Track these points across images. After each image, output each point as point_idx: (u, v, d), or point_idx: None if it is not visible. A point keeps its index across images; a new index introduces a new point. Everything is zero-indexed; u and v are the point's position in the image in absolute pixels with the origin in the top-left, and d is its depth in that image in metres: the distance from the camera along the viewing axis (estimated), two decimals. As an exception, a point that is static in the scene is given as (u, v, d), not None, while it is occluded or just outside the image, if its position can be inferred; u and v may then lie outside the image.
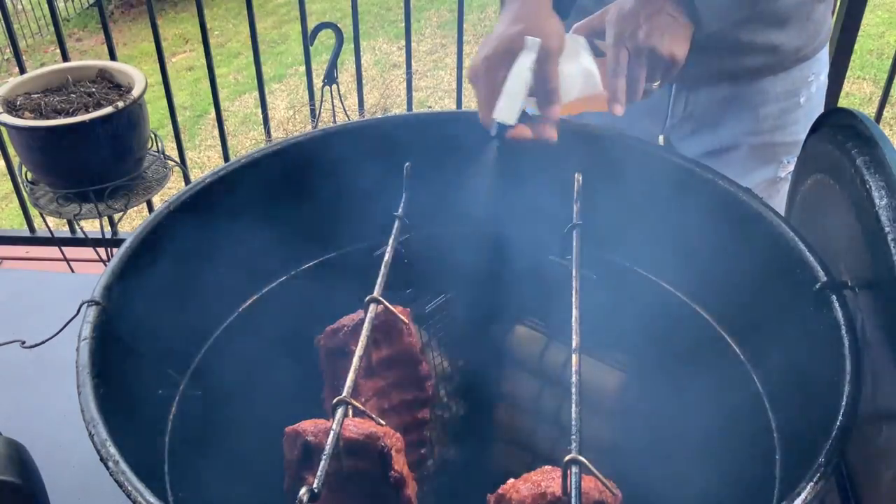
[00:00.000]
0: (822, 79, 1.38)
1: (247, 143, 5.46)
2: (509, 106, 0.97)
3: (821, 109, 1.41)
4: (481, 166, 1.00)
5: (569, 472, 0.67)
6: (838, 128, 0.94)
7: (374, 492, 0.80)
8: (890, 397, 0.81)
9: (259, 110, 4.22)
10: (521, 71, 0.96)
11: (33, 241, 2.61)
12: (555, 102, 0.98)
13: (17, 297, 1.50)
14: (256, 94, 3.63)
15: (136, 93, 1.98)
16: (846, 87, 3.18)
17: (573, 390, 0.74)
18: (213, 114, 3.61)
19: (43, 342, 0.89)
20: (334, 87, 2.51)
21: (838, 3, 2.00)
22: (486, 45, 1.00)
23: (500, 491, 0.76)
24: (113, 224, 2.43)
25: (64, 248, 2.36)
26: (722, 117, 1.32)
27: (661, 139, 1.39)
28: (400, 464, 0.80)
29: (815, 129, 1.02)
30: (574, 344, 0.79)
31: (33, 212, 2.51)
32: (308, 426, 0.80)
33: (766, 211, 0.93)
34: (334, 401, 0.74)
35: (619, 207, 1.00)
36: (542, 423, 1.12)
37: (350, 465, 0.78)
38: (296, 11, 2.43)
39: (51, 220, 2.65)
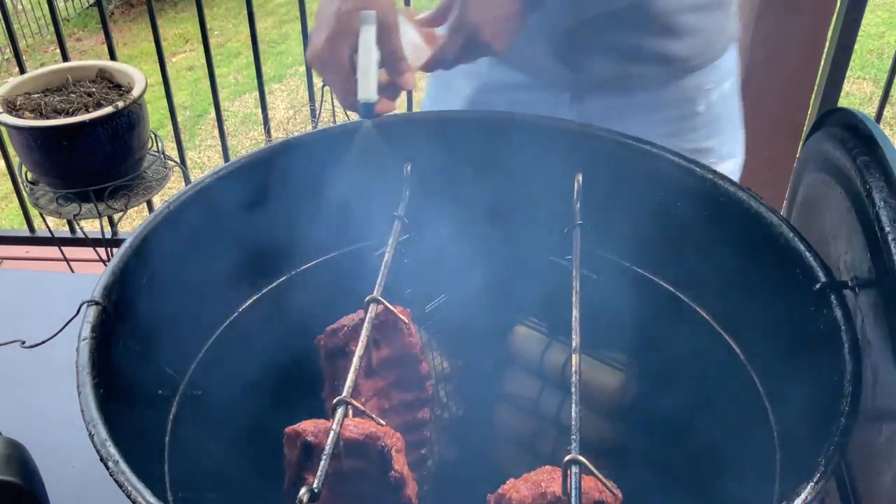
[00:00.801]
0: (727, 86, 1.35)
1: (247, 143, 5.46)
2: (369, 83, 0.97)
3: (733, 116, 1.40)
4: (356, 150, 1.02)
5: (569, 472, 0.67)
6: (838, 128, 0.94)
7: (374, 492, 0.80)
8: (890, 397, 0.81)
9: (259, 110, 4.22)
10: (369, 46, 0.96)
11: (33, 241, 2.62)
12: (405, 70, 1.00)
13: (17, 297, 1.50)
14: (256, 94, 3.63)
15: (136, 93, 1.98)
16: (846, 87, 3.18)
17: (573, 390, 0.74)
18: (213, 114, 3.61)
19: (43, 342, 0.89)
20: (334, 87, 2.50)
21: (838, 3, 2.00)
22: (322, 27, 0.98)
23: (500, 491, 0.76)
24: (113, 224, 2.43)
25: (64, 248, 2.36)
26: (616, 125, 1.29)
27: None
28: (400, 464, 0.80)
29: (815, 129, 1.02)
30: (574, 344, 0.79)
31: (33, 212, 2.51)
32: (308, 426, 0.80)
33: (767, 211, 0.93)
34: (334, 401, 0.74)
35: (619, 207, 1.00)
36: (542, 423, 1.12)
37: (350, 465, 0.78)
38: (296, 11, 2.43)
39: (51, 220, 2.66)
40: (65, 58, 2.35)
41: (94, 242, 2.32)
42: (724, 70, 1.33)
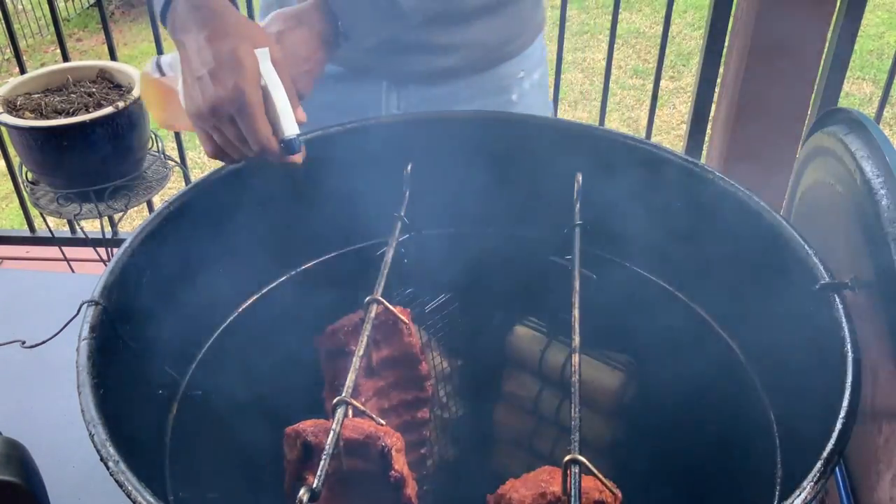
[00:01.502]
0: (536, 77, 1.38)
1: (247, 143, 5.45)
2: (292, 117, 0.94)
3: (543, 107, 1.43)
4: (296, 187, 0.99)
5: (569, 472, 0.67)
6: (838, 128, 0.94)
7: (374, 492, 0.80)
8: (890, 397, 0.81)
9: (259, 110, 4.21)
10: (277, 81, 0.93)
11: (33, 241, 2.61)
12: (298, 104, 0.98)
13: (17, 297, 1.50)
14: (256, 94, 3.62)
15: (136, 93, 1.98)
16: (846, 87, 3.18)
17: (573, 390, 0.74)
18: (214, 114, 3.60)
19: (43, 342, 0.89)
20: (334, 87, 2.50)
21: (838, 3, 2.00)
22: (223, 72, 0.90)
23: (500, 491, 0.76)
24: (113, 224, 2.43)
25: (64, 248, 2.36)
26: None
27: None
28: (400, 463, 0.80)
29: (815, 129, 1.02)
30: (574, 344, 0.79)
31: (33, 212, 2.51)
32: (308, 426, 0.80)
33: (767, 210, 0.93)
34: (334, 401, 0.74)
35: (619, 207, 1.00)
36: (542, 423, 1.12)
37: (350, 465, 0.78)
38: (296, 11, 2.42)
39: (51, 220, 2.65)
40: (65, 58, 2.35)
41: (94, 242, 2.32)
42: (534, 59, 1.37)
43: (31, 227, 2.62)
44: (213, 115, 0.92)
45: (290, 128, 0.93)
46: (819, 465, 0.68)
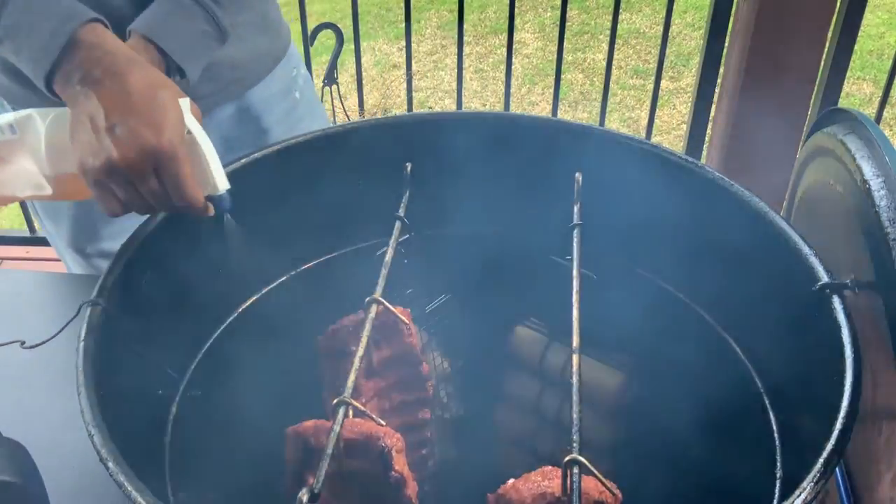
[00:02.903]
0: (304, 71, 1.44)
1: (247, 143, 5.44)
2: (222, 171, 0.89)
3: (316, 100, 1.49)
4: (230, 241, 0.94)
5: (569, 472, 0.67)
6: (838, 128, 0.94)
7: (375, 492, 0.80)
8: (890, 397, 0.82)
9: (259, 110, 4.21)
10: (203, 132, 0.87)
11: (33, 241, 2.61)
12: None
13: (17, 297, 1.50)
14: (256, 94, 3.61)
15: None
16: (846, 87, 3.18)
17: (573, 390, 0.74)
18: (214, 114, 3.60)
19: (43, 342, 0.89)
20: (334, 87, 2.51)
21: (839, 3, 2.00)
22: (142, 128, 0.83)
23: (500, 491, 0.76)
24: (113, 224, 2.43)
25: (64, 249, 2.36)
26: (238, 133, 1.33)
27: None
28: (400, 464, 0.80)
29: (815, 129, 1.02)
30: (574, 344, 0.79)
31: (33, 212, 2.51)
32: (308, 426, 0.81)
33: (767, 210, 0.93)
34: (335, 401, 0.74)
35: (619, 207, 1.00)
36: (542, 424, 1.12)
37: (350, 466, 0.78)
38: (296, 12, 2.43)
39: (51, 221, 2.65)
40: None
41: (94, 242, 2.32)
42: (295, 54, 1.42)
43: (31, 227, 2.62)
44: (128, 170, 0.83)
45: (223, 183, 0.88)
46: (819, 465, 0.68)
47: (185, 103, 0.87)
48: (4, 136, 0.92)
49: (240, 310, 1.05)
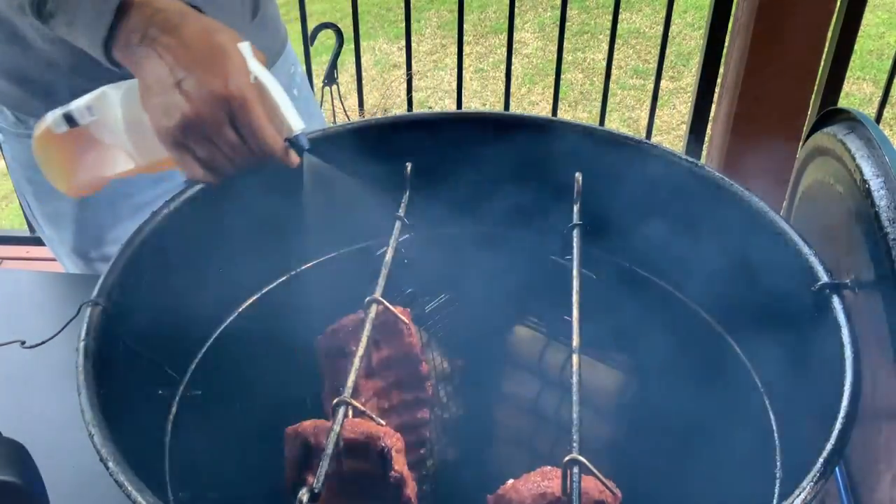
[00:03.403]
0: (301, 70, 1.45)
1: (247, 143, 5.44)
2: (294, 110, 0.87)
3: (313, 99, 1.51)
4: (312, 183, 0.91)
5: (569, 472, 0.67)
6: (838, 128, 0.94)
7: (374, 492, 0.80)
8: (890, 397, 0.82)
9: (259, 110, 4.20)
10: (269, 75, 0.85)
11: (33, 241, 2.61)
12: None
13: (17, 297, 1.50)
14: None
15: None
16: (846, 87, 3.18)
17: (573, 390, 0.74)
18: (213, 114, 3.59)
19: (43, 342, 0.89)
20: (334, 87, 2.51)
21: (839, 3, 2.00)
22: (208, 76, 0.81)
23: (500, 491, 0.76)
24: (113, 224, 2.43)
25: (64, 249, 2.36)
26: None
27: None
28: (400, 464, 0.80)
29: (814, 129, 1.02)
30: (574, 344, 0.79)
31: (31, 217, 2.50)
32: (308, 426, 0.80)
33: (767, 210, 0.93)
34: (334, 401, 0.74)
35: (619, 207, 1.00)
36: (542, 423, 1.12)
37: (350, 466, 0.78)
38: (296, 12, 2.43)
39: (51, 221, 2.65)
40: (65, 58, 2.35)
41: (94, 242, 2.32)
42: (291, 55, 1.42)
43: (31, 227, 2.62)
44: (203, 123, 0.82)
45: (297, 122, 0.86)
46: (819, 465, 0.68)
47: (245, 47, 0.85)
48: (84, 120, 0.92)
49: (240, 310, 1.05)
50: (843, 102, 2.84)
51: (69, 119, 0.92)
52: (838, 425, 0.71)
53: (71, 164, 0.96)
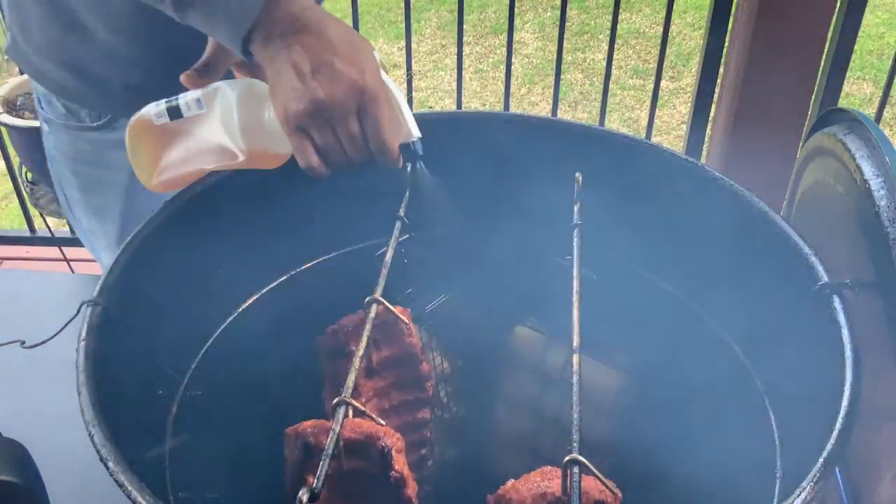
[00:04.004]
0: None
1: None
2: (412, 118, 0.90)
3: None
4: (422, 191, 0.94)
5: (569, 472, 0.67)
6: (838, 128, 0.94)
7: (375, 492, 0.80)
8: (890, 397, 0.82)
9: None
10: (392, 81, 0.89)
11: (33, 241, 2.61)
12: None
13: (17, 297, 1.50)
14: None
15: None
16: (846, 87, 3.18)
17: (573, 390, 0.74)
18: (213, 114, 3.60)
19: (43, 342, 0.89)
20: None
21: (839, 3, 2.00)
22: (347, 68, 0.84)
23: (500, 491, 0.76)
24: (113, 224, 2.43)
25: (64, 248, 2.36)
26: None
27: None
28: (400, 464, 0.80)
29: (815, 129, 1.02)
30: (574, 344, 0.79)
31: (33, 212, 2.51)
32: (308, 426, 0.80)
33: (767, 210, 0.93)
34: (335, 401, 0.74)
35: (619, 207, 1.00)
36: (542, 423, 1.12)
37: (350, 466, 0.78)
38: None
39: (51, 221, 2.65)
40: (65, 58, 2.35)
41: (94, 242, 2.31)
42: None
43: (31, 227, 2.62)
44: (333, 108, 0.84)
45: (415, 129, 0.89)
46: (819, 465, 0.68)
47: (376, 55, 0.89)
48: (191, 111, 0.94)
49: (240, 310, 1.05)
50: (843, 102, 2.84)
51: (173, 111, 0.94)
52: (838, 425, 0.71)
53: (161, 156, 0.97)
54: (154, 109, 0.94)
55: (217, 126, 0.94)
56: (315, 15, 0.88)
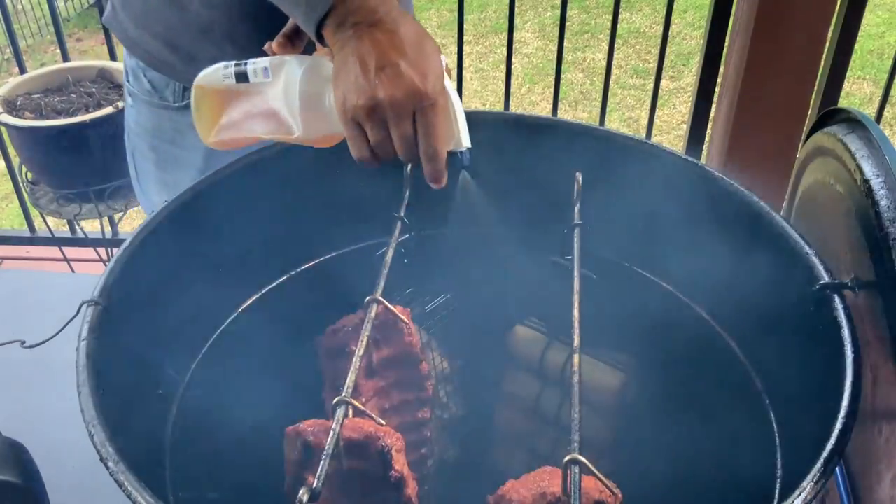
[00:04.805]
0: None
1: (247, 143, 5.44)
2: (466, 127, 0.90)
3: None
4: (466, 198, 0.94)
5: (569, 472, 0.67)
6: (838, 127, 0.94)
7: (375, 492, 0.80)
8: (890, 397, 0.82)
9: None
10: (453, 89, 0.90)
11: (33, 241, 2.61)
12: None
13: (17, 297, 1.50)
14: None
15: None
16: (846, 87, 3.18)
17: (573, 390, 0.74)
18: (214, 114, 3.60)
19: (43, 342, 0.89)
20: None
21: (839, 3, 2.00)
22: (415, 69, 0.85)
23: (500, 491, 0.76)
24: (113, 224, 2.43)
25: (64, 248, 2.36)
26: None
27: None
28: (400, 464, 0.80)
29: (815, 129, 1.02)
30: (574, 344, 0.79)
31: (33, 212, 2.51)
32: (308, 426, 0.80)
33: (767, 211, 0.93)
34: (334, 401, 0.74)
35: (619, 207, 1.00)
36: (542, 423, 1.12)
37: (350, 465, 0.78)
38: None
39: (51, 221, 2.65)
40: (65, 58, 2.35)
41: (94, 242, 2.32)
42: None
43: (31, 228, 2.62)
44: (390, 108, 0.85)
45: (466, 139, 0.89)
46: (819, 465, 0.68)
47: (443, 59, 0.89)
48: (258, 78, 0.95)
49: (240, 310, 1.05)
50: (843, 102, 2.84)
51: (240, 75, 0.95)
52: (838, 425, 0.71)
53: (222, 116, 0.98)
54: (223, 71, 0.96)
55: (279, 98, 0.94)
56: (391, 11, 0.88)
